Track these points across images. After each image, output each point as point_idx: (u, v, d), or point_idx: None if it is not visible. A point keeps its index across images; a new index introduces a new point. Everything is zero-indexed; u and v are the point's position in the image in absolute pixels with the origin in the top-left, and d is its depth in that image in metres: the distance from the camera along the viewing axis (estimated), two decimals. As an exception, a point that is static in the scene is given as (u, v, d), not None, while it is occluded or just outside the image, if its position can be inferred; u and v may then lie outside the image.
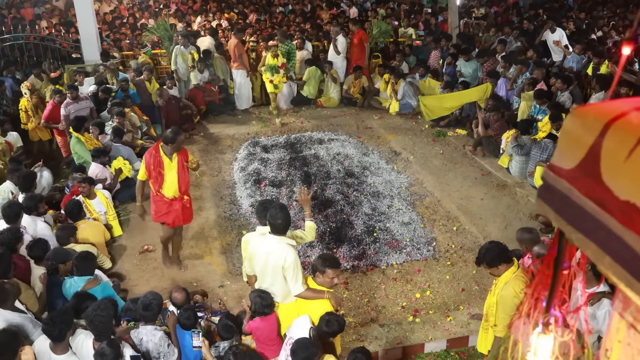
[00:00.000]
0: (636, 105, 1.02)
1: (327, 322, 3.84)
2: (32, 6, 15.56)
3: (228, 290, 5.70)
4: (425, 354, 4.92)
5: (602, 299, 3.75)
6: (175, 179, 5.44)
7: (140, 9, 16.18)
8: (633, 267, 0.94)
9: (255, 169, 8.26)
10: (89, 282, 4.64)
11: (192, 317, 4.14)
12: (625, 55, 1.19)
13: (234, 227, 6.93)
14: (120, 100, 8.91)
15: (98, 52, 11.07)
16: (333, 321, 3.85)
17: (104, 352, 3.56)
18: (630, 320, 1.10)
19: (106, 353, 3.55)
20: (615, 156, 0.98)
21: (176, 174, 5.43)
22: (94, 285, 4.66)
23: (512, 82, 9.32)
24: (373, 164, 8.47)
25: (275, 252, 3.99)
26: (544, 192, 1.16)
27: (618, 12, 14.88)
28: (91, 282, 4.66)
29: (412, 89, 10.45)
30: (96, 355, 3.58)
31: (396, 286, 5.82)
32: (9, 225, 5.15)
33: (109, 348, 3.58)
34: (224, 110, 10.80)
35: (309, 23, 13.90)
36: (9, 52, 11.39)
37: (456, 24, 12.89)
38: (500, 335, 3.96)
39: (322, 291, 4.00)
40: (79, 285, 4.64)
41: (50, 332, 3.74)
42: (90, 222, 6.02)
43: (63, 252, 4.97)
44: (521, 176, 7.75)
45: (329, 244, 6.41)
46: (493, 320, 4.01)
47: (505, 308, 3.84)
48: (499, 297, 3.91)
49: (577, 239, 1.07)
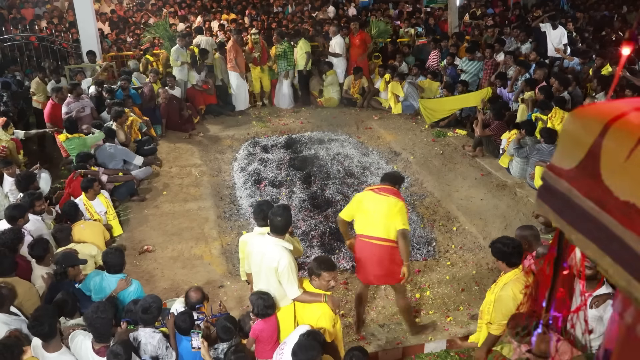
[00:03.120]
0: (636, 105, 1.02)
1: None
2: (32, 6, 15.57)
3: (228, 291, 5.70)
4: (425, 354, 4.92)
5: (608, 301, 3.73)
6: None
7: (139, 9, 16.19)
8: (633, 268, 0.94)
9: (255, 169, 8.26)
10: (121, 282, 4.67)
11: (188, 321, 4.14)
12: (625, 55, 1.19)
13: (234, 227, 6.93)
14: (121, 101, 8.92)
15: (98, 52, 11.08)
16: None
17: (117, 352, 3.57)
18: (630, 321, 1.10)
19: (120, 353, 3.56)
20: (615, 156, 0.98)
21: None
22: (125, 286, 4.67)
23: (512, 84, 9.31)
24: (373, 164, 8.47)
25: (269, 254, 3.96)
26: (544, 193, 1.16)
27: (618, 13, 14.89)
28: (123, 282, 4.68)
29: (415, 90, 10.45)
30: (109, 355, 3.59)
31: (396, 286, 5.81)
32: (10, 226, 5.17)
33: (123, 348, 3.58)
34: (223, 110, 10.82)
35: (309, 22, 13.91)
36: (9, 52, 11.39)
37: (456, 24, 12.90)
38: (495, 333, 3.97)
39: (319, 294, 3.98)
40: (110, 282, 4.68)
41: (39, 331, 3.74)
42: (90, 222, 6.02)
43: (72, 256, 4.97)
44: (521, 176, 7.75)
45: (329, 244, 6.40)
46: (487, 317, 4.02)
47: (502, 308, 3.84)
48: (497, 297, 3.92)
49: (577, 239, 1.07)
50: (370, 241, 4.56)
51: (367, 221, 4.57)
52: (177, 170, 8.48)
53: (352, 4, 16.82)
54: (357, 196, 4.73)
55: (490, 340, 4.02)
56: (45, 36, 11.98)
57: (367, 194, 4.64)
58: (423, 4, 17.24)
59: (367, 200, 4.60)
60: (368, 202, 4.58)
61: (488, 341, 4.04)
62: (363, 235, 4.61)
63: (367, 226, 4.57)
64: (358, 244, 4.66)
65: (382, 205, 4.49)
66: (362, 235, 4.62)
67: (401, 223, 4.45)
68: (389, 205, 4.47)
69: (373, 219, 4.52)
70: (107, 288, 4.69)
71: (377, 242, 4.54)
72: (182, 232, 6.79)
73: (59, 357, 3.79)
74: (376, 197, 4.56)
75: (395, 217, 4.44)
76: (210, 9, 15.90)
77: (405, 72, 11.03)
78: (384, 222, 4.47)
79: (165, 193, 7.78)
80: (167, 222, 7.02)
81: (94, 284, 4.76)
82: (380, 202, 4.51)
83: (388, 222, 4.46)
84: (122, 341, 3.67)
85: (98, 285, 4.74)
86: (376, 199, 4.55)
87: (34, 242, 4.98)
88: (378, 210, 4.51)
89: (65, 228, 5.50)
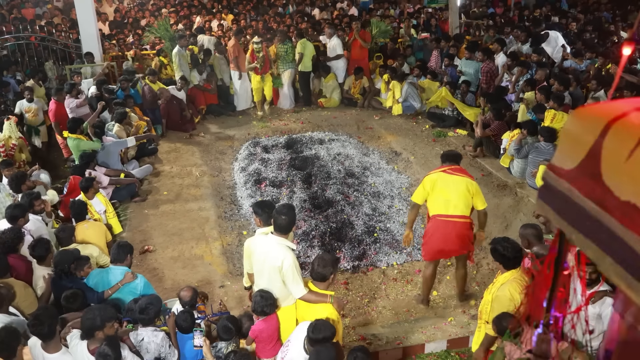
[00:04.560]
0: (636, 105, 1.02)
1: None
2: (33, 6, 15.58)
3: (228, 291, 5.70)
4: (426, 354, 4.91)
5: (605, 298, 3.73)
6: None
7: (140, 9, 16.19)
8: (633, 268, 0.94)
9: (256, 169, 8.26)
10: (127, 276, 4.70)
11: (189, 320, 4.14)
12: (625, 55, 1.19)
13: (234, 227, 6.93)
14: (122, 101, 8.93)
15: (99, 52, 11.09)
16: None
17: (106, 353, 3.56)
18: (630, 320, 1.10)
19: (108, 354, 3.55)
20: (616, 156, 0.98)
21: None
22: (131, 279, 4.71)
23: (513, 85, 9.30)
24: (373, 164, 8.47)
25: (273, 253, 3.96)
26: (544, 193, 1.16)
27: (618, 13, 14.89)
28: (129, 274, 4.72)
29: (415, 90, 10.45)
30: (98, 356, 3.58)
31: (396, 286, 5.82)
32: (11, 226, 5.17)
33: (110, 348, 3.58)
34: (224, 111, 10.81)
35: (308, 22, 13.90)
36: (9, 52, 11.40)
37: (456, 24, 12.90)
38: (491, 333, 3.98)
39: (325, 295, 3.98)
40: (116, 274, 4.71)
41: (39, 331, 3.74)
42: (92, 222, 6.02)
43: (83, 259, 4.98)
44: (522, 176, 7.74)
45: (330, 244, 6.41)
46: (486, 317, 4.03)
47: (499, 308, 3.85)
48: (494, 297, 3.93)
49: (577, 239, 1.07)
50: (450, 219, 4.95)
51: (446, 201, 4.96)
52: (178, 170, 8.48)
53: (353, 3, 16.80)
54: (429, 178, 5.09)
55: (488, 340, 4.03)
56: (46, 36, 11.98)
57: (441, 175, 5.03)
58: (423, 4, 17.24)
59: (442, 181, 5.00)
60: (443, 182, 4.99)
61: (485, 341, 4.05)
62: (440, 215, 4.99)
63: (445, 206, 4.96)
64: (434, 223, 5.03)
65: (461, 185, 4.94)
66: (440, 215, 4.99)
67: (482, 203, 5.01)
68: (467, 185, 4.95)
69: (452, 199, 4.93)
70: (112, 280, 4.72)
71: (457, 219, 4.94)
72: (183, 232, 6.80)
73: (60, 358, 3.80)
74: (452, 178, 4.99)
75: (476, 197, 4.97)
76: (210, 9, 15.90)
77: (407, 72, 11.04)
78: (464, 201, 4.92)
79: (165, 193, 7.78)
80: (168, 222, 7.02)
81: (98, 280, 4.79)
82: (457, 182, 4.96)
83: (468, 201, 4.93)
84: (110, 341, 3.66)
85: (103, 279, 4.77)
86: (452, 179, 4.98)
87: (35, 243, 4.98)
88: (456, 190, 4.93)
89: (69, 228, 5.49)
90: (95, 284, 4.78)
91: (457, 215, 4.93)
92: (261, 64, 10.29)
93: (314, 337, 3.55)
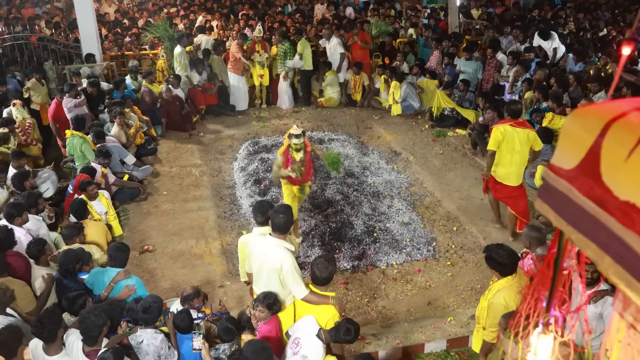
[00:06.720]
0: (636, 105, 1.02)
1: (346, 330, 3.80)
2: (32, 6, 15.56)
3: (228, 291, 5.70)
4: (425, 354, 4.91)
5: (606, 297, 3.73)
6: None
7: (140, 9, 16.17)
8: (633, 268, 0.94)
9: (256, 169, 8.26)
10: (119, 274, 4.71)
11: (187, 319, 4.13)
12: (625, 55, 1.19)
13: (234, 227, 6.93)
14: (121, 100, 8.91)
15: (99, 52, 11.07)
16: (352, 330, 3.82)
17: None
18: (630, 320, 1.10)
19: None
20: (616, 156, 0.98)
21: None
22: (124, 277, 4.72)
23: (511, 85, 9.29)
24: (373, 164, 8.47)
25: (271, 255, 3.95)
26: (544, 192, 1.16)
27: (617, 13, 14.89)
28: (121, 274, 4.73)
29: (413, 90, 10.45)
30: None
31: (396, 286, 5.82)
32: (7, 224, 5.15)
33: (113, 355, 3.58)
34: (223, 111, 10.81)
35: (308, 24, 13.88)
36: (9, 52, 11.38)
37: (456, 24, 12.88)
38: (487, 339, 4.00)
39: (327, 296, 3.98)
40: (112, 275, 4.73)
41: (40, 333, 3.75)
42: (93, 222, 6.01)
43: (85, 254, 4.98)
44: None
45: (330, 244, 6.41)
46: (483, 322, 4.04)
47: (495, 314, 3.86)
48: (489, 303, 3.94)
49: (577, 239, 1.07)
50: (515, 166, 6.00)
51: (512, 150, 5.90)
52: (178, 170, 8.48)
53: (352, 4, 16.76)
54: (500, 128, 5.95)
55: (486, 347, 4.06)
56: (46, 36, 11.97)
57: (507, 128, 5.92)
58: (423, 4, 17.22)
59: (509, 132, 5.90)
60: (511, 134, 5.90)
61: (484, 348, 4.09)
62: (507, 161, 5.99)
63: (512, 154, 5.92)
64: (505, 169, 6.03)
65: (523, 136, 5.90)
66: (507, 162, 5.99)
67: (540, 145, 6.05)
68: (529, 136, 5.93)
69: (517, 148, 5.88)
70: (108, 282, 4.73)
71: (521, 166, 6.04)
72: (183, 232, 6.80)
73: None
74: (516, 130, 5.90)
75: (534, 142, 6.00)
76: (210, 9, 15.87)
77: (406, 71, 11.03)
78: (526, 149, 5.95)
79: (165, 193, 7.78)
80: (168, 222, 7.02)
81: (94, 280, 4.80)
82: (521, 133, 5.89)
83: (528, 149, 5.96)
84: (113, 349, 3.66)
85: (99, 280, 4.78)
86: (517, 131, 5.90)
87: (30, 242, 4.97)
88: (522, 140, 5.88)
89: (75, 226, 5.45)
90: (92, 284, 4.79)
91: (520, 162, 6.00)
92: (300, 170, 6.00)
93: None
